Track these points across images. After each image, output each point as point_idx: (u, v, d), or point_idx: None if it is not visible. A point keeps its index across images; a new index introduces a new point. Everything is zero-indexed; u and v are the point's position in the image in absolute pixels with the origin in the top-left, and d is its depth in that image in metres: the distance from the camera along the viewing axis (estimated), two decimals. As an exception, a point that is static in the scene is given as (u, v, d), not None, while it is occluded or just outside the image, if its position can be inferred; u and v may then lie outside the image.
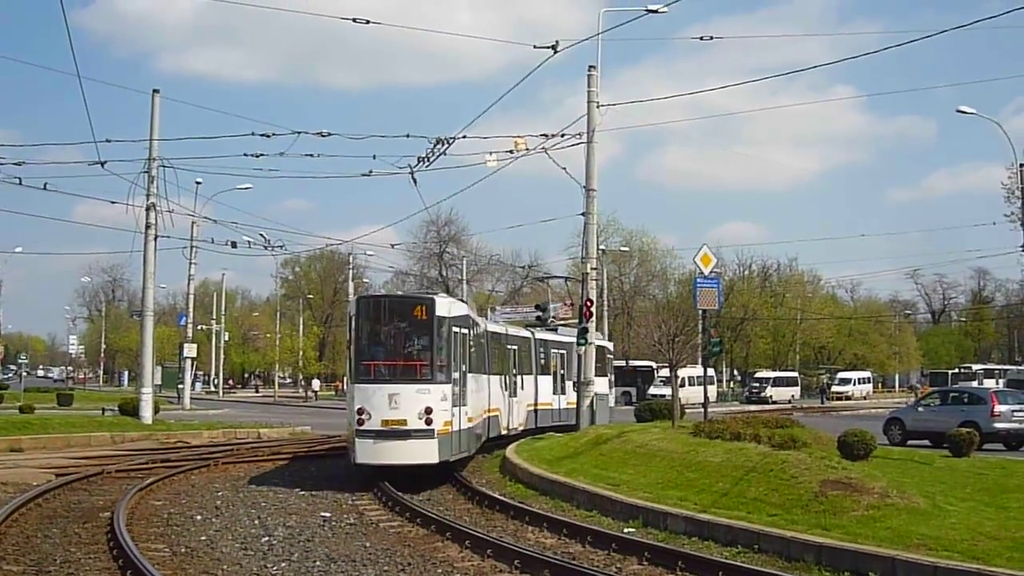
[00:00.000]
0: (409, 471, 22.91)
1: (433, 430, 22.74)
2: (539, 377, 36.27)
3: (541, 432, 33.47)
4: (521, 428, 33.55)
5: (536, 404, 35.66)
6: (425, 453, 22.81)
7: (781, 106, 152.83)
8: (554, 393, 37.48)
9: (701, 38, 28.66)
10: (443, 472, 23.83)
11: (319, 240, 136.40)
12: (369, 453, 22.88)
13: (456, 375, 24.24)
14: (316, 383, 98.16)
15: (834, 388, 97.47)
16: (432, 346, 23.66)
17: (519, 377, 33.82)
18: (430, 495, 21.85)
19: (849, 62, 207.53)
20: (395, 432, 22.70)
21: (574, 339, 34.57)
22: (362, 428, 22.79)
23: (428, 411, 22.66)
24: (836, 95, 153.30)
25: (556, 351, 38.35)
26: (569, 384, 37.24)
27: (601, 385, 36.76)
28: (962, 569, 12.34)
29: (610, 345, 44.71)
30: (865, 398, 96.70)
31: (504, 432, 31.28)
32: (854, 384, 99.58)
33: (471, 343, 26.15)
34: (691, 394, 56.69)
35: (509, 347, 33.32)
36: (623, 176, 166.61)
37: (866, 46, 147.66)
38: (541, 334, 37.89)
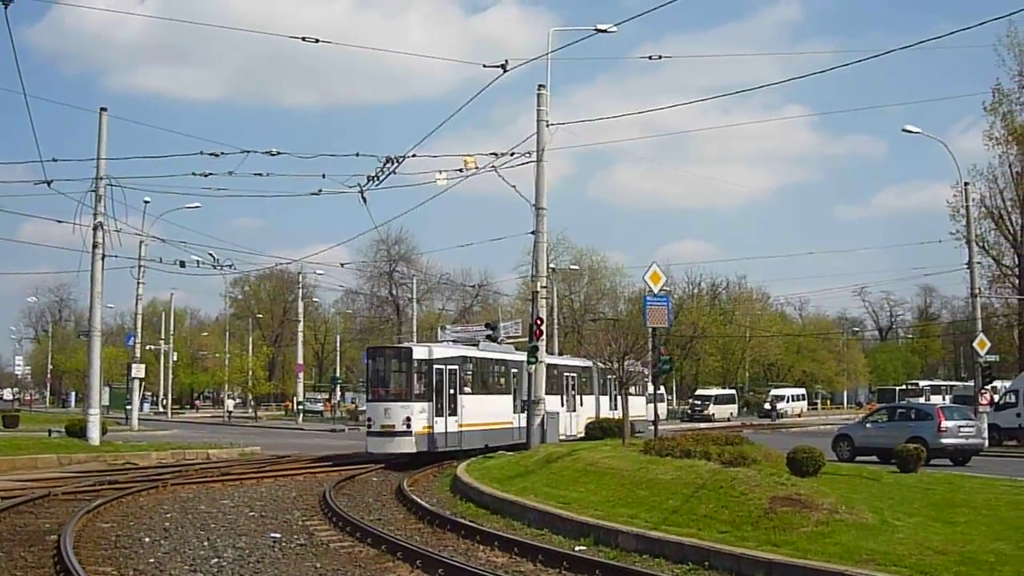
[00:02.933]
0: (397, 458, 33.58)
1: (411, 432, 33.60)
2: (567, 396, 43.96)
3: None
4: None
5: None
6: (406, 446, 33.65)
7: (733, 124, 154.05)
8: (568, 408, 44.08)
9: (651, 57, 28.91)
10: (423, 463, 33.22)
11: (269, 259, 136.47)
12: (374, 446, 34.47)
13: (440, 396, 34.86)
14: (230, 403, 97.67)
15: (766, 406, 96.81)
16: (411, 377, 34.66)
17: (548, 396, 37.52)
18: (381, 515, 21.75)
19: (802, 82, 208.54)
20: (387, 432, 33.87)
21: (565, 361, 46.36)
22: (370, 430, 34.86)
23: (408, 420, 33.62)
24: (788, 114, 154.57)
25: (571, 374, 45.72)
26: (576, 399, 45.68)
27: (553, 403, 39.04)
28: (910, 584, 12.43)
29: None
30: (800, 415, 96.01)
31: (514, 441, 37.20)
32: (788, 401, 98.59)
33: (462, 372, 36.59)
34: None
35: (512, 370, 40.55)
36: (575, 195, 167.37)
37: (818, 66, 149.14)
38: (550, 359, 40.85)
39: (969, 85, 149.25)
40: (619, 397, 40.05)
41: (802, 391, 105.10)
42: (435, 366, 34.58)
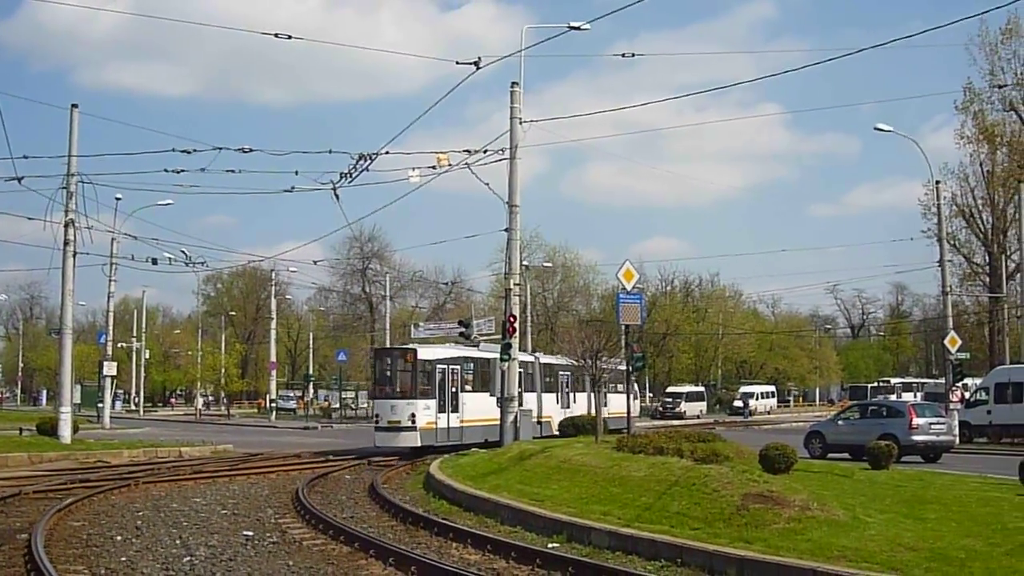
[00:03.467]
0: (403, 450, 36.29)
1: (416, 427, 35.86)
2: (543, 394, 45.68)
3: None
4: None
5: (540, 416, 43.61)
6: (411, 441, 36.05)
7: (707, 122, 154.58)
8: (562, 405, 47.34)
9: (624, 55, 28.95)
10: (423, 455, 34.59)
11: (241, 256, 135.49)
12: (381, 439, 36.91)
13: (442, 393, 37.27)
14: (200, 400, 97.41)
15: (735, 403, 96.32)
16: (415, 376, 36.93)
17: (545, 393, 45.19)
18: (354, 513, 21.72)
19: (776, 80, 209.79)
20: (394, 428, 36.25)
21: (556, 361, 47.29)
22: (377, 425, 37.31)
23: (413, 416, 35.93)
24: (763, 112, 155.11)
25: (565, 372, 47.68)
26: (569, 397, 48.65)
27: (548, 401, 45.78)
28: (881, 580, 12.48)
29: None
30: (769, 413, 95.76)
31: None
32: (758, 398, 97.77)
33: (463, 371, 38.98)
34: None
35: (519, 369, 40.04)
36: (548, 192, 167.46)
37: (793, 64, 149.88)
38: (545, 358, 47.81)
39: (941, 84, 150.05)
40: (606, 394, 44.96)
41: (772, 388, 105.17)
42: (438, 366, 37.01)
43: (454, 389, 38.09)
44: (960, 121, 58.04)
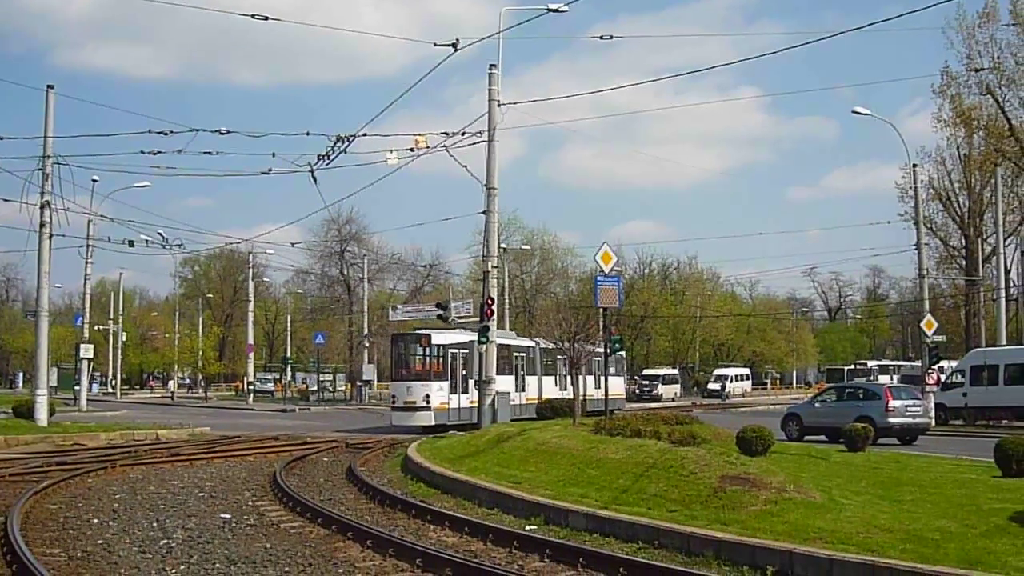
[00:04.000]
0: (416, 429, 38.03)
1: (431, 407, 39.08)
2: (543, 377, 49.14)
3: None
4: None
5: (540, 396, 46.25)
6: (425, 420, 38.86)
7: (685, 105, 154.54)
8: (560, 388, 49.37)
9: (601, 37, 28.85)
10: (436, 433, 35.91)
11: (219, 239, 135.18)
12: (397, 419, 40.05)
13: (454, 376, 40.75)
14: (171, 383, 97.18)
15: (709, 385, 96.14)
16: (430, 360, 40.84)
17: (545, 376, 48.85)
18: (331, 495, 21.70)
19: (755, 63, 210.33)
20: (410, 407, 39.60)
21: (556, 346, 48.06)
22: (394, 405, 40.70)
23: (427, 397, 39.30)
24: (741, 95, 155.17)
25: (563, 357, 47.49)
26: (566, 380, 48.04)
27: (548, 383, 49.23)
28: (857, 561, 12.53)
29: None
30: (743, 396, 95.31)
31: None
32: (732, 381, 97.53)
33: (472, 355, 39.82)
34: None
35: (516, 354, 46.46)
36: (526, 175, 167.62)
37: (771, 47, 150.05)
38: (545, 343, 47.20)
39: (919, 68, 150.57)
40: (601, 376, 48.34)
41: (746, 371, 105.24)
42: (450, 350, 39.92)
43: (464, 372, 41.01)
44: (937, 105, 58.17)
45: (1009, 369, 43.88)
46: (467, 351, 40.41)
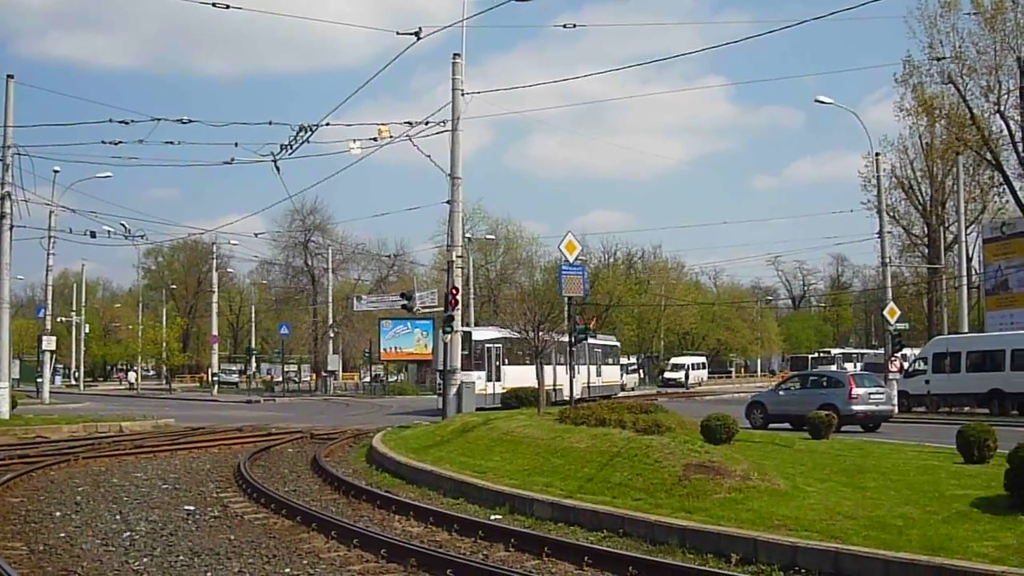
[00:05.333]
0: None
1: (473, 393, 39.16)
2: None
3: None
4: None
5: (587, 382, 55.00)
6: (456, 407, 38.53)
7: (651, 94, 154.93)
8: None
9: (565, 26, 28.75)
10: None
11: (182, 229, 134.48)
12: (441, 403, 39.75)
13: (489, 366, 47.02)
14: (132, 375, 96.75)
15: (666, 374, 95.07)
16: (471, 353, 44.07)
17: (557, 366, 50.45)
18: (296, 486, 21.65)
19: (721, 53, 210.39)
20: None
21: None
22: (438, 392, 40.23)
23: (472, 384, 39.05)
24: (707, 84, 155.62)
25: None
26: (585, 369, 55.64)
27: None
28: (821, 548, 12.59)
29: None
30: (700, 384, 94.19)
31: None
32: (688, 370, 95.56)
33: (503, 348, 47.42)
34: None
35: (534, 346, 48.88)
36: (492, 164, 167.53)
37: (737, 36, 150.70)
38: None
39: (883, 57, 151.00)
40: (601, 366, 62.55)
41: (702, 359, 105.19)
42: (486, 345, 44.59)
43: (498, 363, 47.65)
44: (900, 94, 58.34)
45: (971, 356, 44.21)
46: (499, 345, 46.18)
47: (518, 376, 46.61)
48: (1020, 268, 52.37)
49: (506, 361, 49.25)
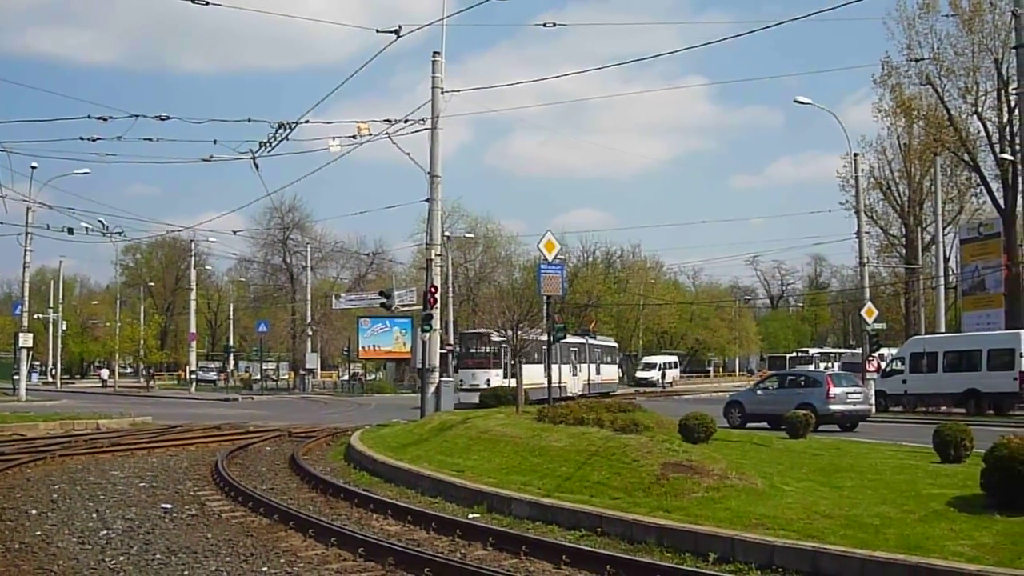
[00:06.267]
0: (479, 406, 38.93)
1: (490, 389, 45.93)
2: (573, 365, 61.76)
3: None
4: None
5: (587, 380, 64.44)
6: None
7: (632, 93, 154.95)
8: (572, 374, 60.91)
9: (545, 24, 28.76)
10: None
11: (160, 227, 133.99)
12: (464, 397, 44.44)
13: (504, 364, 51.22)
14: (105, 372, 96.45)
15: (638, 373, 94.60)
16: (489, 352, 51.97)
17: (562, 365, 55.26)
18: (273, 484, 21.60)
19: (702, 53, 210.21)
20: (474, 388, 48.07)
21: (583, 340, 66.23)
22: (461, 387, 46.42)
23: (488, 381, 49.80)
24: (688, 84, 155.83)
25: (574, 348, 63.24)
26: (586, 367, 65.53)
27: (566, 372, 57.84)
28: (798, 547, 12.62)
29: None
30: (672, 384, 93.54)
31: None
32: (660, 369, 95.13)
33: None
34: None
35: (544, 347, 52.33)
36: (472, 162, 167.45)
37: (719, 37, 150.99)
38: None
39: (863, 58, 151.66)
40: (600, 365, 70.51)
41: (674, 359, 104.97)
42: (503, 345, 45.29)
43: (513, 361, 42.80)
44: (878, 95, 58.73)
45: (948, 356, 44.43)
46: (514, 345, 45.60)
47: (530, 374, 46.95)
48: (997, 269, 52.57)
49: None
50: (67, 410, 46.28)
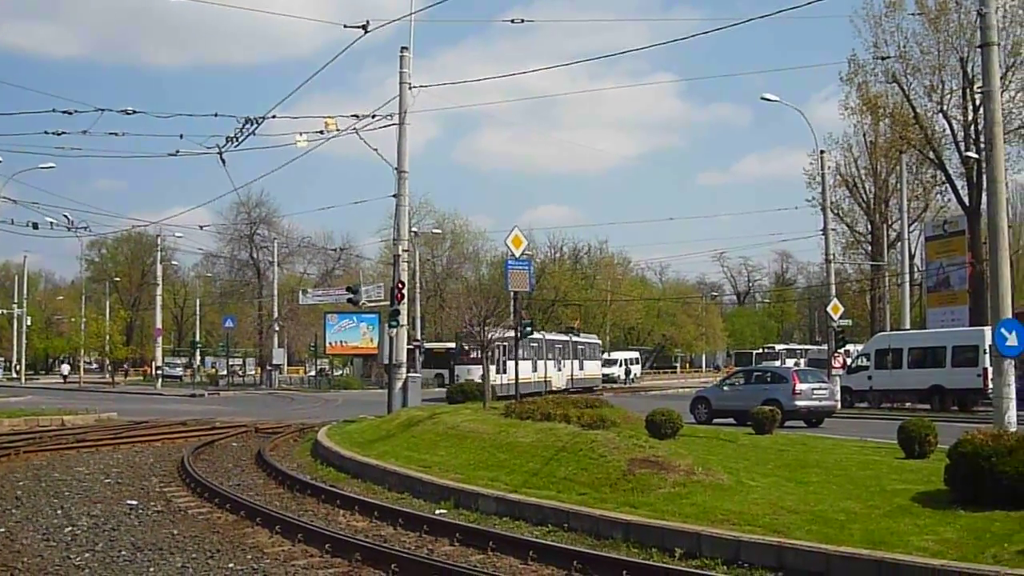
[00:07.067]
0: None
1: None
2: (557, 361, 66.60)
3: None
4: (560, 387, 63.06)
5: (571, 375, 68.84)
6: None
7: (601, 89, 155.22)
8: (557, 369, 66.13)
9: (513, 21, 28.82)
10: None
11: (127, 221, 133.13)
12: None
13: (499, 361, 50.23)
14: (66, 367, 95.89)
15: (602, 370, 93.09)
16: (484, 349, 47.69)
17: (548, 361, 63.31)
18: (240, 481, 21.56)
19: (671, 50, 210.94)
20: (474, 383, 44.01)
21: (567, 338, 70.78)
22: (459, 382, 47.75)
23: (482, 376, 45.03)
24: (657, 81, 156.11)
25: (559, 345, 68.04)
26: (570, 363, 69.17)
27: (552, 367, 64.80)
28: (764, 542, 12.69)
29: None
30: (634, 380, 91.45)
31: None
32: (622, 365, 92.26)
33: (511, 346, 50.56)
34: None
35: (532, 344, 57.34)
36: (440, 158, 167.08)
37: (688, 34, 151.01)
38: (549, 336, 67.63)
39: (831, 55, 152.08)
40: (584, 361, 73.29)
41: (636, 355, 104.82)
42: (495, 343, 44.43)
43: (504, 358, 52.32)
44: (845, 92, 58.76)
45: (912, 353, 44.73)
46: (506, 343, 47.72)
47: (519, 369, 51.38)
48: (961, 266, 52.84)
49: (510, 356, 53.63)
50: (32, 406, 46.04)
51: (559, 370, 67.14)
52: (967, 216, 51.85)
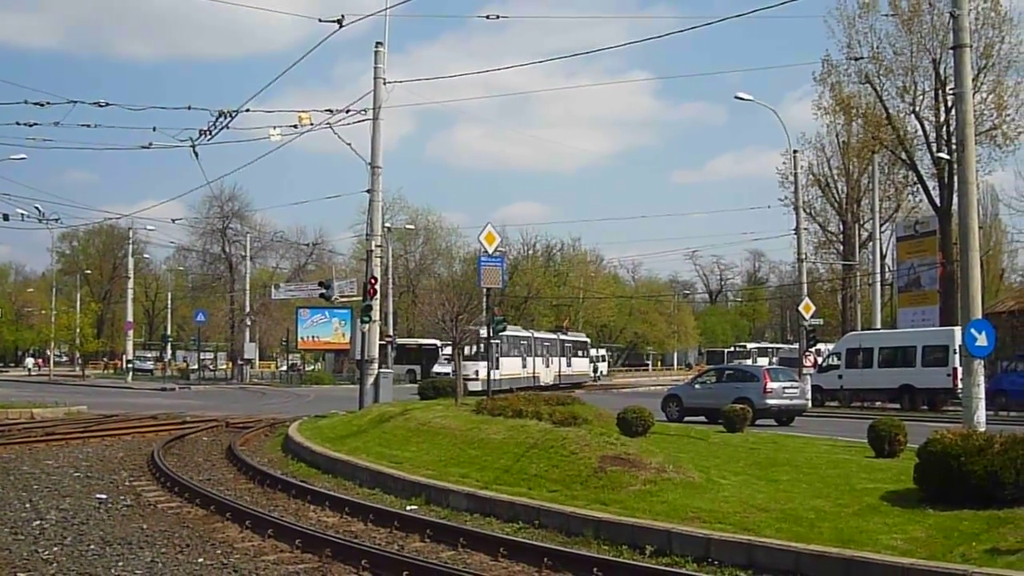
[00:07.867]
0: (474, 393, 40.63)
1: (479, 378, 50.27)
2: (546, 358, 69.30)
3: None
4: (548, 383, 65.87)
5: (559, 371, 71.48)
6: (476, 386, 48.06)
7: (576, 86, 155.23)
8: (545, 366, 68.73)
9: (488, 17, 28.78)
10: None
11: (98, 214, 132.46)
12: (464, 387, 41.07)
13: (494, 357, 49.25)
14: (30, 361, 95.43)
15: None
16: (477, 347, 52.09)
17: (536, 358, 66.58)
18: (210, 475, 21.48)
19: (648, 48, 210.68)
20: (468, 379, 46.75)
21: (556, 336, 73.63)
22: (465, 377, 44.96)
23: (477, 371, 51.98)
24: (632, 79, 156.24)
25: (547, 342, 70.89)
26: (557, 360, 71.81)
27: (540, 364, 67.56)
28: (734, 540, 12.74)
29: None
30: (600, 377, 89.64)
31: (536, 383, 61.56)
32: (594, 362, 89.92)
33: (503, 344, 56.62)
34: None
35: (522, 342, 64.42)
36: (414, 154, 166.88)
37: (662, 32, 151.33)
38: (538, 334, 71.30)
39: (805, 55, 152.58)
40: (571, 359, 75.74)
41: (603, 352, 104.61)
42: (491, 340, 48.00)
43: (498, 355, 54.17)
44: (818, 92, 59.01)
45: (883, 352, 44.95)
46: (499, 341, 50.77)
47: (510, 365, 59.87)
48: (932, 266, 53.12)
49: (502, 353, 57.56)
50: (0, 399, 45.76)
51: (547, 367, 69.21)
52: (938, 217, 52.17)
